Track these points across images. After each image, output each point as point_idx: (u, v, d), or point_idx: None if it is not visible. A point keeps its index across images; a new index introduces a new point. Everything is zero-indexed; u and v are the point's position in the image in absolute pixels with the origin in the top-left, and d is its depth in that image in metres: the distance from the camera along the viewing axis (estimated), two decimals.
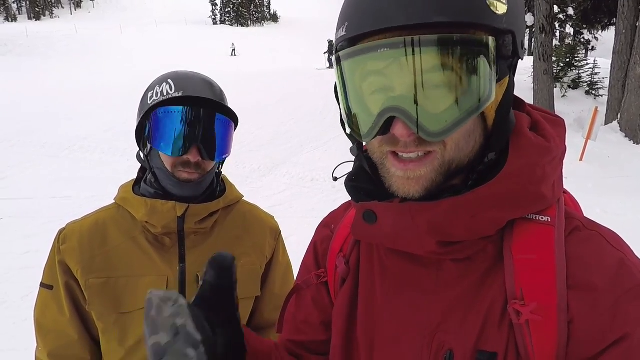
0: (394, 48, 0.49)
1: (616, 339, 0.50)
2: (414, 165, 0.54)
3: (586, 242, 0.56)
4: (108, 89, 12.97)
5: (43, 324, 1.09)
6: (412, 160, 0.54)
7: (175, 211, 1.04)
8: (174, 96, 1.02)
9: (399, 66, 0.50)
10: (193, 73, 1.11)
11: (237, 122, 1.14)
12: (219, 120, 1.06)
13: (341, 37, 0.55)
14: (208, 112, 1.04)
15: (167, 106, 1.03)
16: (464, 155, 0.55)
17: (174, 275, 1.06)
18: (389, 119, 0.52)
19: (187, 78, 1.07)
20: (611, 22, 12.32)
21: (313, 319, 0.77)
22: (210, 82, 1.10)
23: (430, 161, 0.54)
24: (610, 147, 8.26)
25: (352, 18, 0.54)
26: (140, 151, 1.12)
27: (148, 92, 1.08)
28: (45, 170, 6.93)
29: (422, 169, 0.54)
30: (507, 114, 0.56)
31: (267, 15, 71.31)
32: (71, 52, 26.69)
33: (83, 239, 1.06)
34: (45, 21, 57.05)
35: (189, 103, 1.03)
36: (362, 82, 0.55)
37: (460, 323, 0.58)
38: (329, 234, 0.78)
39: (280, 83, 12.75)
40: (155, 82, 1.09)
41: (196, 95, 1.02)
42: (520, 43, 0.56)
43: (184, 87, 1.03)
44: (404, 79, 0.50)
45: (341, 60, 0.56)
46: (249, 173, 6.92)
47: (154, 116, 1.04)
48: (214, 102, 1.06)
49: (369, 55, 0.51)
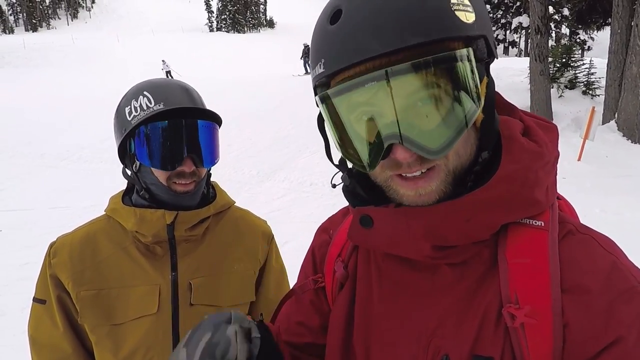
0: (380, 80, 0.49)
1: (610, 341, 0.51)
2: (423, 182, 0.55)
3: (579, 245, 0.57)
4: (105, 98, 13.00)
5: (37, 339, 1.08)
6: (419, 178, 0.55)
7: (164, 219, 1.03)
8: (155, 110, 1.00)
9: (389, 95, 0.50)
10: (167, 81, 1.10)
11: (220, 122, 1.13)
12: (204, 126, 1.06)
13: (320, 74, 0.55)
14: (195, 120, 1.04)
15: (151, 122, 1.01)
16: (464, 161, 0.56)
17: (166, 284, 1.05)
18: (388, 146, 0.52)
19: (163, 88, 1.05)
20: (606, 22, 12.38)
21: (312, 322, 0.77)
22: (187, 88, 1.09)
23: (436, 175, 0.54)
24: (608, 147, 8.28)
25: (327, 54, 0.53)
26: (127, 168, 1.10)
27: (124, 108, 1.05)
28: (44, 181, 6.93)
29: (432, 184, 0.55)
30: (492, 112, 0.57)
31: (263, 21, 71.69)
32: (68, 62, 26.78)
33: (73, 251, 1.05)
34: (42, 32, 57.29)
35: (171, 114, 1.02)
36: (355, 116, 0.54)
37: (456, 328, 0.58)
38: (327, 239, 0.78)
39: (278, 89, 12.78)
40: (130, 95, 1.06)
41: (178, 107, 1.01)
42: (493, 43, 0.57)
43: (164, 99, 1.01)
44: (396, 106, 0.50)
45: (330, 98, 0.55)
46: (248, 179, 6.92)
47: (140, 133, 1.02)
48: (196, 109, 1.05)
49: (357, 91, 0.51)
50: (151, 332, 1.02)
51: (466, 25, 0.51)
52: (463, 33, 0.51)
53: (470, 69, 0.51)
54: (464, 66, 0.50)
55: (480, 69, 0.54)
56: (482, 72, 0.55)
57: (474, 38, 0.53)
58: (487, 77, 0.57)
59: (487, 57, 0.55)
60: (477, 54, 0.53)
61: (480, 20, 0.54)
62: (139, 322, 1.02)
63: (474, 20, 0.52)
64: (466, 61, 0.50)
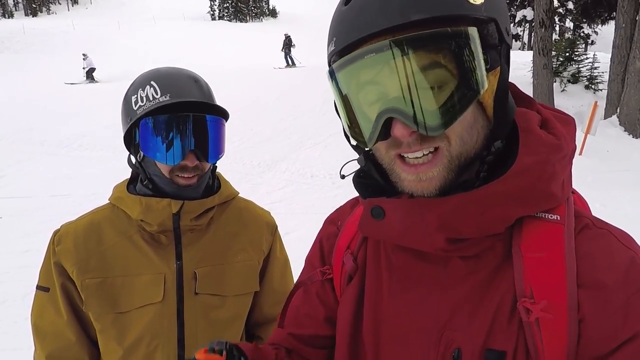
0: (379, 52, 0.50)
1: (628, 337, 0.50)
2: (425, 168, 0.55)
3: (596, 240, 0.56)
4: (106, 85, 12.93)
5: (40, 327, 1.08)
6: (422, 164, 0.55)
7: (170, 208, 1.03)
8: (160, 103, 0.98)
9: (388, 68, 0.51)
10: (177, 70, 1.07)
11: (228, 117, 1.12)
12: (211, 121, 1.04)
13: (331, 52, 0.57)
14: (200, 115, 1.02)
15: (156, 115, 1.00)
16: (469, 148, 0.55)
17: (171, 273, 1.05)
18: (388, 122, 0.53)
19: (171, 78, 1.03)
20: (611, 16, 12.26)
21: (317, 313, 0.77)
22: (196, 79, 1.07)
23: (439, 160, 0.54)
24: (610, 141, 8.26)
25: (339, 32, 0.55)
26: (132, 156, 1.10)
27: (131, 96, 1.04)
28: (44, 169, 6.92)
29: (434, 170, 0.55)
30: (505, 102, 0.56)
31: (265, 10, 70.98)
32: (69, 48, 26.55)
33: (78, 239, 1.05)
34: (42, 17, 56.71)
35: (177, 107, 1.00)
36: (357, 90, 0.56)
37: (469, 321, 0.57)
38: (335, 230, 0.78)
39: (279, 79, 12.71)
40: (137, 83, 1.05)
41: (184, 100, 1.00)
42: (505, 30, 0.56)
43: (170, 90, 1.00)
44: (393, 79, 0.51)
45: (334, 73, 0.57)
46: (249, 170, 6.92)
47: (143, 125, 1.01)
48: (202, 103, 1.04)
49: (357, 63, 0.52)
50: (156, 320, 1.03)
51: (473, 7, 0.51)
52: (469, 13, 0.50)
53: (472, 50, 0.50)
54: (464, 45, 0.50)
55: (492, 55, 0.53)
56: (493, 59, 0.54)
57: (483, 21, 0.52)
58: (500, 66, 0.55)
59: (498, 43, 0.54)
60: (485, 37, 0.52)
61: (491, 4, 0.53)
62: (144, 311, 1.03)
63: (482, 2, 0.51)
64: (467, 40, 0.50)
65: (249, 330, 1.24)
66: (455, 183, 0.56)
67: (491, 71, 0.54)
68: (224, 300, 1.10)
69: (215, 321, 1.08)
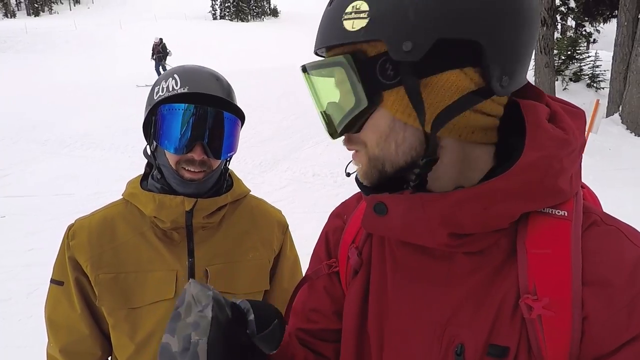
0: (310, 69, 0.61)
1: (632, 337, 0.50)
2: (354, 158, 0.63)
3: (604, 237, 0.55)
4: (108, 84, 12.96)
5: (54, 320, 1.09)
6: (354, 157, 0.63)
7: (183, 206, 1.04)
8: (178, 92, 1.00)
9: (316, 82, 0.62)
10: (200, 67, 1.09)
11: (244, 119, 1.14)
12: (226, 118, 1.05)
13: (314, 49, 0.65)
14: (214, 109, 1.03)
15: (171, 103, 1.02)
16: (391, 155, 0.57)
17: (183, 270, 1.06)
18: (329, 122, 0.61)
19: (193, 73, 1.05)
20: (613, 14, 12.21)
21: (325, 307, 0.77)
22: (217, 77, 1.08)
23: (360, 157, 0.61)
24: (612, 140, 8.24)
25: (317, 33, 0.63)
26: (148, 146, 1.11)
27: (155, 87, 1.07)
28: (47, 168, 6.94)
29: (358, 162, 0.62)
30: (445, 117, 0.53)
31: (267, 10, 70.89)
32: (71, 47, 26.61)
33: (92, 234, 1.06)
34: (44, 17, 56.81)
35: (194, 100, 1.02)
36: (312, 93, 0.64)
37: (472, 317, 0.57)
38: (341, 224, 0.78)
39: (281, 79, 12.70)
40: (162, 76, 1.08)
41: (201, 92, 1.01)
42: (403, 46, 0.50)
43: (189, 83, 1.02)
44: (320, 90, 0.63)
45: None
46: (251, 169, 6.93)
47: (159, 113, 1.03)
48: (220, 99, 1.05)
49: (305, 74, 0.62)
50: (168, 317, 1.04)
51: (350, 33, 0.53)
52: (346, 40, 0.54)
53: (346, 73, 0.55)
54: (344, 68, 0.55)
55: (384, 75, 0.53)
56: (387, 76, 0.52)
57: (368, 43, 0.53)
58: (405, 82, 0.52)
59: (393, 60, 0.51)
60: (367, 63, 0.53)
61: (374, 25, 0.51)
62: (156, 307, 1.04)
63: (363, 26, 0.51)
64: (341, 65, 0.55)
65: None
66: (380, 183, 0.60)
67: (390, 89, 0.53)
68: (235, 298, 1.11)
69: None
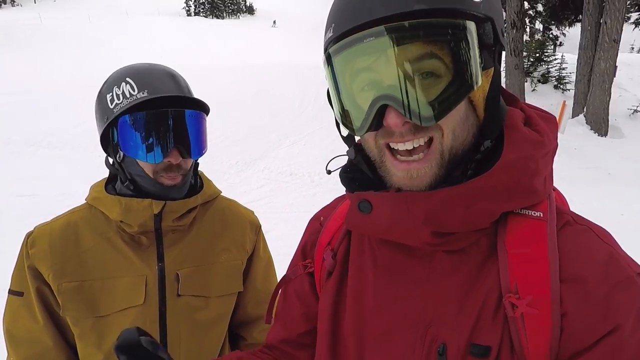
0: (379, 37, 0.50)
1: (608, 330, 0.51)
2: (417, 165, 0.56)
3: (577, 236, 0.57)
4: (77, 82, 12.48)
5: (14, 334, 1.04)
6: (414, 161, 0.56)
7: (151, 209, 1.01)
8: (139, 99, 0.95)
9: (385, 55, 0.51)
10: (152, 66, 1.04)
11: (208, 111, 1.10)
12: (191, 116, 1.02)
13: (329, 39, 0.57)
14: (180, 110, 1.00)
15: (134, 112, 0.97)
16: (460, 143, 0.56)
17: (153, 275, 1.03)
18: (381, 111, 0.53)
19: (148, 74, 1.00)
20: (577, 18, 12.74)
21: (294, 312, 0.77)
22: (172, 74, 1.04)
23: (432, 156, 0.55)
24: (577, 140, 8.60)
25: (338, 19, 0.55)
26: (110, 157, 1.06)
27: (106, 94, 1.00)
28: (10, 168, 6.63)
29: (426, 166, 0.56)
30: (497, 103, 0.57)
31: (242, 7, 70.11)
32: (36, 43, 25.45)
33: (54, 241, 1.01)
34: (6, 9, 54.16)
35: (156, 102, 0.98)
36: (353, 76, 0.56)
37: (454, 316, 0.58)
38: (319, 226, 0.79)
39: (256, 77, 12.59)
40: (111, 80, 1.01)
41: (163, 95, 0.97)
42: (501, 31, 0.57)
43: (147, 87, 0.97)
44: (390, 66, 0.52)
45: (331, 58, 0.56)
46: (227, 168, 6.83)
47: (122, 124, 0.98)
48: (181, 98, 1.01)
49: (355, 47, 0.52)
50: (138, 323, 1.00)
51: (472, 3, 0.52)
52: (467, 8, 0.51)
53: (469, 44, 0.51)
54: (462, 38, 0.51)
55: (485, 54, 0.54)
56: (487, 59, 0.55)
57: (480, 19, 0.53)
58: (494, 67, 0.56)
59: (492, 43, 0.55)
60: (481, 36, 0.53)
61: (488, 3, 0.54)
62: (125, 314, 1.00)
63: (482, 0, 0.53)
64: (465, 34, 0.51)
65: (233, 330, 1.22)
66: (446, 181, 0.57)
67: (485, 70, 0.55)
68: (208, 301, 1.08)
69: (199, 323, 1.07)
